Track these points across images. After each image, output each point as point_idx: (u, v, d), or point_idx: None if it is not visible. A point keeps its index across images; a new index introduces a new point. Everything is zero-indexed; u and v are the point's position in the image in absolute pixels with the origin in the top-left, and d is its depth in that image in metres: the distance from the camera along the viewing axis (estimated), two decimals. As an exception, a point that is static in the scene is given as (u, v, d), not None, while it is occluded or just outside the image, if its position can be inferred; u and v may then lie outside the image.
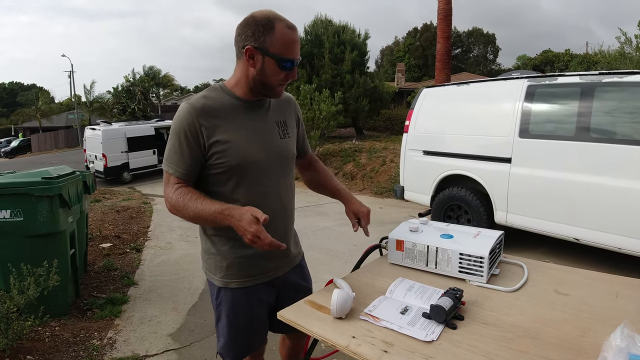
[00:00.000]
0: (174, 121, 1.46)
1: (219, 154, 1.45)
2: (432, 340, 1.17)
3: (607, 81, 4.03)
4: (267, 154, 1.53)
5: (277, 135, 1.58)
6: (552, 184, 4.25)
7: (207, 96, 1.49)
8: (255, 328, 1.66)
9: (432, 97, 5.70)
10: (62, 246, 3.33)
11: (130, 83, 32.63)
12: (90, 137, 14.40)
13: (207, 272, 1.65)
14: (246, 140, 1.49)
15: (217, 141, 1.44)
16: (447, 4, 11.36)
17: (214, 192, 1.51)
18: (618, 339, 1.01)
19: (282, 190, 1.60)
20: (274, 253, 1.56)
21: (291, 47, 1.42)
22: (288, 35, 1.41)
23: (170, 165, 1.47)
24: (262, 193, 1.53)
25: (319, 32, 16.99)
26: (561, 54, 33.29)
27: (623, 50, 13.85)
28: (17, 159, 30.15)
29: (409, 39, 44.87)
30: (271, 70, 1.43)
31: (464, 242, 1.60)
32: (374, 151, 11.78)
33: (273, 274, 1.64)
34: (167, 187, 1.48)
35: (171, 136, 1.48)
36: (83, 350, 2.92)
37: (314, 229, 6.26)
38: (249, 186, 1.50)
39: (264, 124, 1.56)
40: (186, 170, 1.46)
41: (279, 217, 1.59)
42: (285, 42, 1.41)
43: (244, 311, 1.61)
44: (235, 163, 1.46)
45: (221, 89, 1.52)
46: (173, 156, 1.46)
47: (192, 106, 1.44)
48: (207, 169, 1.48)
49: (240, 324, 1.62)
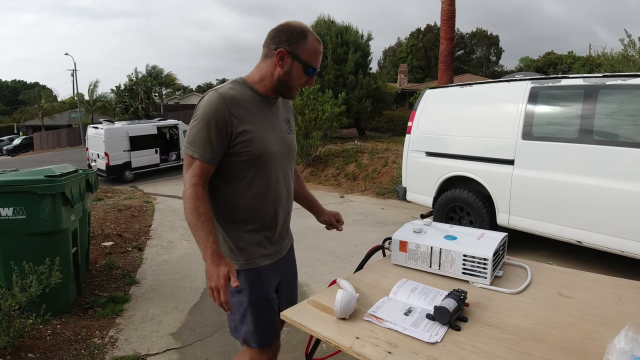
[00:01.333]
0: (202, 108, 1.52)
1: (244, 143, 1.54)
2: (436, 341, 1.17)
3: (610, 84, 4.02)
4: (281, 146, 1.67)
5: (286, 130, 1.74)
6: (555, 186, 4.24)
7: (234, 88, 1.58)
8: (274, 310, 1.70)
9: (435, 98, 5.70)
10: (64, 244, 3.33)
11: (133, 82, 32.67)
12: (93, 136, 14.42)
13: None
14: (266, 132, 1.61)
15: (244, 131, 1.54)
16: (451, 5, 11.35)
17: (231, 178, 1.60)
18: (622, 341, 1.01)
19: (289, 180, 1.75)
20: (281, 239, 1.76)
21: (317, 56, 1.61)
22: (317, 47, 1.60)
23: (196, 150, 1.52)
24: (274, 181, 1.64)
25: (321, 32, 16.98)
26: (564, 56, 33.24)
27: (626, 53, 13.81)
28: (20, 157, 30.21)
29: (411, 40, 44.81)
30: (297, 73, 1.59)
31: (468, 244, 1.60)
32: (376, 152, 11.78)
33: (279, 255, 1.75)
34: (187, 172, 1.54)
35: (199, 123, 1.52)
36: (84, 349, 2.92)
37: (315, 230, 6.24)
38: (265, 174, 1.61)
39: (277, 120, 1.70)
40: (212, 155, 1.52)
41: (286, 203, 1.74)
42: (314, 51, 1.59)
43: (263, 293, 1.66)
44: (258, 153, 1.56)
45: (244, 84, 1.62)
46: (200, 142, 1.51)
47: (223, 96, 1.53)
48: (230, 156, 1.56)
49: (261, 307, 1.65)
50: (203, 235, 1.45)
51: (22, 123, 44.42)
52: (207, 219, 1.48)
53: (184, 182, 1.54)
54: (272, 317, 1.69)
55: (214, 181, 1.60)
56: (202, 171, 1.52)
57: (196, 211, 1.47)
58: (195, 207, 1.48)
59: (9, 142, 38.08)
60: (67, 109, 44.53)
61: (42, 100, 41.77)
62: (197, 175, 1.52)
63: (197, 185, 1.51)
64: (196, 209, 1.48)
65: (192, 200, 1.49)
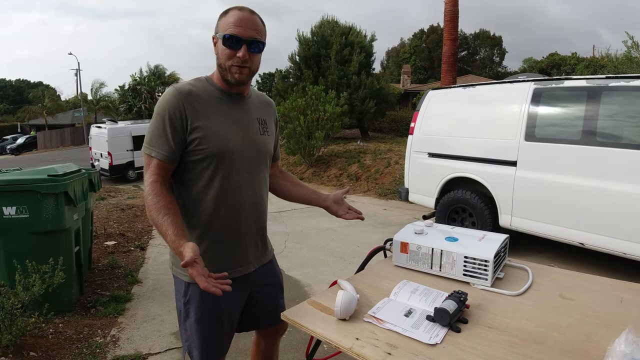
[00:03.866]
0: (158, 104, 1.47)
1: (200, 139, 1.46)
2: (436, 343, 1.17)
3: (613, 85, 4.01)
4: (245, 145, 1.56)
5: (257, 130, 1.62)
6: (558, 187, 4.23)
7: (193, 84, 1.52)
8: (224, 327, 1.61)
9: (438, 99, 5.69)
10: (67, 243, 3.34)
11: (136, 82, 32.76)
12: (96, 135, 14.49)
13: (173, 268, 1.63)
14: (226, 129, 1.52)
15: (199, 127, 1.46)
16: (454, 6, 11.33)
17: (189, 180, 1.52)
18: (622, 344, 1.00)
19: (257, 185, 1.62)
20: (245, 252, 1.62)
21: (236, 24, 1.44)
22: (236, 15, 1.45)
23: (153, 149, 1.46)
24: (237, 184, 1.54)
25: (325, 33, 17.01)
26: (568, 57, 33.11)
27: (630, 54, 13.76)
28: (23, 156, 30.34)
29: (415, 41, 44.78)
30: (220, 50, 1.47)
31: (469, 245, 1.60)
32: (378, 153, 11.78)
33: (245, 270, 1.64)
34: (146, 172, 1.48)
35: (154, 119, 1.47)
36: (86, 348, 2.93)
37: (318, 230, 6.26)
38: (225, 175, 1.51)
39: (245, 117, 1.60)
40: (170, 153, 1.45)
41: (252, 210, 1.61)
42: (231, 21, 1.44)
43: (215, 307, 1.56)
44: (215, 150, 1.47)
45: (206, 80, 1.56)
46: (156, 139, 1.46)
47: (178, 90, 1.47)
48: (186, 155, 1.49)
49: (211, 323, 1.57)
50: (164, 228, 1.36)
51: (26, 122, 44.59)
52: (168, 211, 1.39)
53: (144, 184, 1.47)
54: (220, 334, 1.61)
55: (173, 184, 1.54)
56: (161, 169, 1.46)
57: (155, 206, 1.39)
58: (154, 203, 1.40)
59: (13, 141, 38.23)
60: (71, 108, 44.68)
61: (46, 100, 41.91)
62: (156, 173, 1.45)
63: (156, 182, 1.44)
64: (155, 204, 1.40)
65: (151, 197, 1.41)
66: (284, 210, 7.48)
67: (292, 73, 18.21)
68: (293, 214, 7.30)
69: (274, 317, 1.75)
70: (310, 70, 16.28)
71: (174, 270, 1.62)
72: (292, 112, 11.97)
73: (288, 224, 6.73)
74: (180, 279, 1.58)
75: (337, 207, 1.86)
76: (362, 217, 1.86)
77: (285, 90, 16.85)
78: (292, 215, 7.24)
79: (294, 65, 17.76)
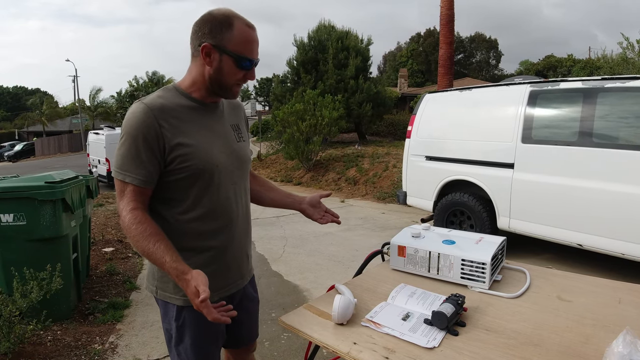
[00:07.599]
0: (128, 124, 1.32)
1: (182, 157, 1.35)
2: (434, 346, 1.17)
3: (609, 86, 4.03)
4: (228, 157, 1.47)
5: (234, 138, 1.54)
6: (555, 189, 4.24)
7: (163, 96, 1.39)
8: (218, 346, 1.58)
9: (435, 102, 5.71)
10: (64, 250, 3.33)
11: (134, 88, 32.79)
12: (94, 142, 14.44)
13: (159, 292, 1.49)
14: (207, 142, 1.41)
15: (178, 144, 1.35)
16: (450, 10, 11.39)
17: (172, 200, 1.41)
18: (620, 345, 1.01)
19: (242, 195, 1.56)
20: (238, 266, 1.57)
21: (250, 45, 1.36)
22: (247, 34, 1.35)
23: (127, 174, 1.32)
24: (225, 198, 1.47)
25: (322, 37, 17.06)
26: (564, 59, 33.26)
27: (625, 56, 13.85)
28: (20, 163, 30.28)
29: (412, 45, 44.99)
30: (229, 69, 1.36)
31: (466, 248, 1.60)
32: (376, 156, 11.79)
33: (240, 284, 1.60)
34: (121, 201, 1.34)
35: (125, 141, 1.32)
36: (85, 355, 2.91)
37: (316, 235, 6.25)
38: (213, 192, 1.43)
39: (222, 127, 1.50)
40: (145, 177, 1.33)
41: (241, 221, 1.55)
42: (244, 40, 1.35)
43: (213, 327, 1.49)
44: (201, 166, 1.38)
45: (175, 90, 1.43)
46: (129, 163, 1.32)
47: (149, 106, 1.33)
48: (167, 174, 1.37)
49: (208, 343, 1.52)
50: (158, 256, 1.27)
51: (23, 129, 44.56)
52: (159, 238, 1.29)
53: (120, 212, 1.34)
54: (216, 353, 1.57)
55: (152, 205, 1.40)
56: (139, 195, 1.34)
57: (143, 235, 1.28)
58: (141, 232, 1.29)
59: (10, 148, 38.19)
60: (69, 114, 44.68)
61: (44, 106, 41.92)
62: (134, 200, 1.33)
63: (135, 209, 1.32)
64: (142, 232, 1.29)
65: (135, 226, 1.29)
66: (282, 215, 7.47)
67: (289, 78, 18.25)
68: (291, 218, 7.29)
69: (254, 333, 1.76)
70: (309, 74, 16.31)
71: (159, 295, 1.50)
72: (291, 117, 11.99)
73: (286, 228, 6.72)
74: (171, 304, 1.48)
75: (313, 210, 1.75)
76: (339, 220, 1.78)
77: (283, 95, 16.87)
78: (290, 219, 7.24)
79: (292, 70, 17.79)
